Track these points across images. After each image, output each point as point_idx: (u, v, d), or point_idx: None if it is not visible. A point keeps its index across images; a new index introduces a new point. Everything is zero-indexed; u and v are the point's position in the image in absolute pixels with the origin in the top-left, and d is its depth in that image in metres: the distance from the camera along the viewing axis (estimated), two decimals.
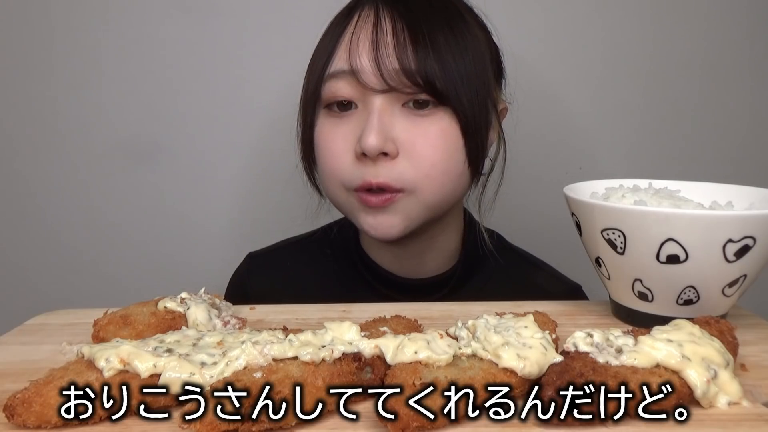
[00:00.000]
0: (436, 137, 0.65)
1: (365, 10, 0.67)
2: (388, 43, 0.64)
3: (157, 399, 0.38)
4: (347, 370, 0.39)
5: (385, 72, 0.63)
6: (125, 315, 0.49)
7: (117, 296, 1.10)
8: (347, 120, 0.67)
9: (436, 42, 0.64)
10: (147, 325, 0.48)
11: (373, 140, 0.63)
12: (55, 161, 1.08)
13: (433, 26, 0.65)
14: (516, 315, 0.47)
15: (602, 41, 1.05)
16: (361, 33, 0.66)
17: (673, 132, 1.08)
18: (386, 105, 0.65)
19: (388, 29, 0.65)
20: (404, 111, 0.66)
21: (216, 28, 1.04)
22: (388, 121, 0.65)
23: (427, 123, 0.65)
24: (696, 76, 1.06)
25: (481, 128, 0.67)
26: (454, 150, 0.66)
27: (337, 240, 0.82)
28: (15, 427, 0.36)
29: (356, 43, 0.65)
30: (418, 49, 0.63)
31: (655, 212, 0.47)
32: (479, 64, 0.67)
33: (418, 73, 0.63)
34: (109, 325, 0.48)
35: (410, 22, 0.65)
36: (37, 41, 1.05)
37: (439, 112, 0.65)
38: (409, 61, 0.63)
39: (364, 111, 0.66)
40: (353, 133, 0.66)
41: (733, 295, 0.50)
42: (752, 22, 1.05)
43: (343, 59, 0.66)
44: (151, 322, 0.49)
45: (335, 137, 0.68)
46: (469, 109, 0.65)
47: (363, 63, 0.64)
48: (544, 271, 0.83)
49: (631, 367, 0.38)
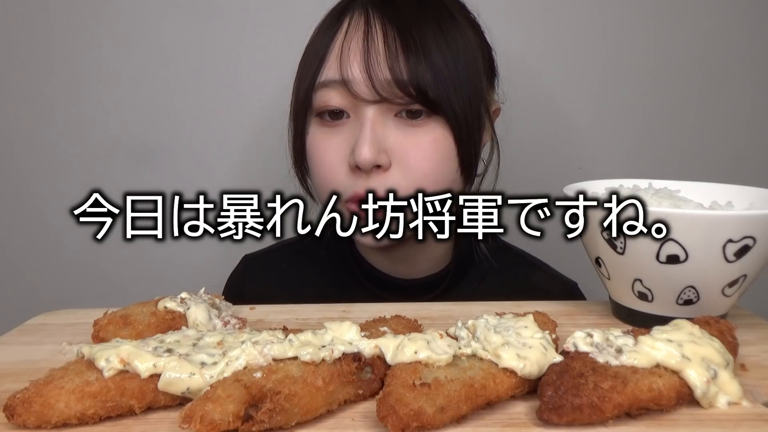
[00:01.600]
0: (429, 148, 0.65)
1: (355, 15, 0.66)
2: (380, 52, 0.63)
3: (158, 399, 0.38)
4: (347, 370, 0.39)
5: (376, 83, 0.62)
6: (125, 315, 0.49)
7: (117, 296, 1.10)
8: (339, 130, 0.66)
9: (427, 48, 0.63)
10: (147, 326, 0.48)
11: (367, 153, 0.62)
12: (55, 161, 1.08)
13: (424, 31, 0.64)
14: (516, 315, 0.47)
15: (602, 41, 1.05)
16: (352, 41, 0.65)
17: (672, 132, 1.08)
18: (378, 115, 0.64)
19: (378, 37, 0.64)
20: (397, 121, 0.65)
21: (215, 29, 1.04)
22: (381, 132, 0.64)
23: (420, 133, 0.65)
24: (695, 75, 1.06)
25: (474, 134, 0.67)
26: (447, 158, 0.66)
27: (330, 242, 0.82)
28: (15, 427, 0.36)
29: (347, 51, 0.64)
30: (410, 57, 0.62)
31: (655, 212, 0.47)
32: (472, 67, 0.66)
33: (410, 83, 0.62)
34: (109, 325, 0.48)
35: (401, 27, 0.64)
36: (36, 41, 1.05)
37: (432, 122, 0.65)
38: (401, 71, 0.62)
39: (356, 121, 0.65)
40: (346, 143, 0.65)
41: (733, 295, 0.50)
42: (751, 22, 1.05)
43: (334, 68, 0.65)
44: (151, 323, 0.49)
45: (328, 148, 0.67)
46: (462, 116, 0.65)
47: (354, 73, 0.63)
48: (539, 270, 0.83)
49: (631, 367, 0.38)
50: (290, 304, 0.60)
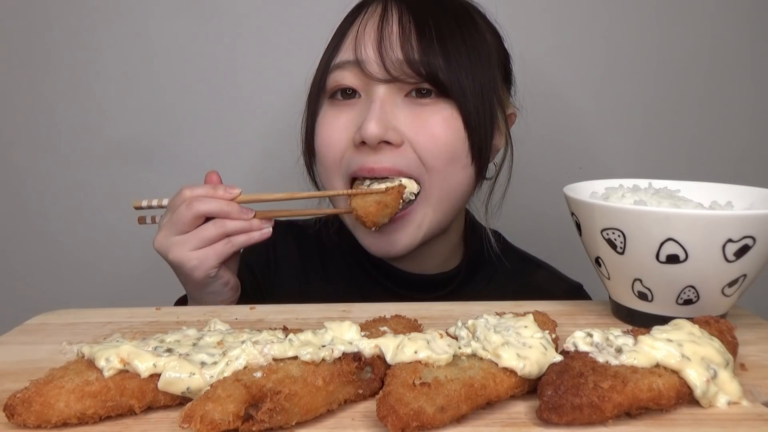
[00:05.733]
0: (439, 126, 0.65)
1: (374, 4, 0.68)
2: (393, 33, 0.64)
3: (158, 398, 0.38)
4: (347, 369, 0.39)
5: (388, 62, 0.63)
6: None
7: (117, 296, 1.11)
8: (349, 108, 0.67)
9: (441, 35, 0.64)
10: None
11: (374, 128, 0.63)
12: (56, 161, 1.08)
13: (440, 21, 0.65)
14: (516, 315, 0.47)
15: (602, 43, 1.05)
16: (368, 24, 0.66)
17: (673, 132, 1.08)
18: (389, 95, 0.65)
19: (394, 21, 0.65)
20: (407, 101, 0.66)
21: (216, 29, 1.04)
22: (390, 111, 0.65)
23: (429, 112, 0.65)
24: (696, 76, 1.06)
25: (485, 123, 0.67)
26: (457, 140, 0.66)
27: (344, 229, 0.82)
28: (15, 426, 0.36)
29: (362, 34, 0.66)
30: (423, 40, 0.64)
31: (655, 212, 0.47)
32: (485, 60, 0.67)
33: (421, 63, 0.63)
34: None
35: (417, 14, 0.65)
36: (36, 41, 1.05)
37: (442, 103, 0.66)
38: (413, 52, 0.63)
39: (367, 100, 0.66)
40: (354, 122, 0.66)
41: (732, 295, 0.50)
42: (752, 23, 1.05)
43: (349, 50, 0.67)
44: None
45: (336, 125, 0.68)
46: (472, 102, 0.65)
47: (368, 53, 0.65)
48: (546, 272, 0.83)
49: (630, 366, 0.38)
50: (290, 304, 0.60)
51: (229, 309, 0.60)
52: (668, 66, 1.06)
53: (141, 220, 0.71)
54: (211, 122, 1.07)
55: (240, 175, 1.08)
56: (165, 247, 0.64)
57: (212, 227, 0.64)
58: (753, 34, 1.05)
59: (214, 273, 0.65)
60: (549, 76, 1.05)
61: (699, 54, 1.06)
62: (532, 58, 1.03)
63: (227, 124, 1.07)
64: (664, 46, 1.05)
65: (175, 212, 0.64)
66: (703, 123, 1.08)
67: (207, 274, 0.64)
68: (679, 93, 1.07)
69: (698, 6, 1.04)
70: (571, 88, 1.06)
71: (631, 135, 1.08)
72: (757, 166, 1.08)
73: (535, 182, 1.04)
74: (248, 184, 1.13)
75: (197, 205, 0.63)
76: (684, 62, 1.06)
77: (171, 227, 0.64)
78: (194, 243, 0.63)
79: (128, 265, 1.10)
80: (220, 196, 0.64)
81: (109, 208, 1.09)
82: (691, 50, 1.05)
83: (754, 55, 1.06)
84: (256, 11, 1.04)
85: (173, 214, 0.64)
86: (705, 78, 1.06)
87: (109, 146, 1.08)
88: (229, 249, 0.64)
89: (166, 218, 0.65)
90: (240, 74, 1.06)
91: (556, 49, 1.05)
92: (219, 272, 0.65)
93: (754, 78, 1.07)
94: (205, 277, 0.64)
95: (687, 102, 1.07)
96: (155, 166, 1.07)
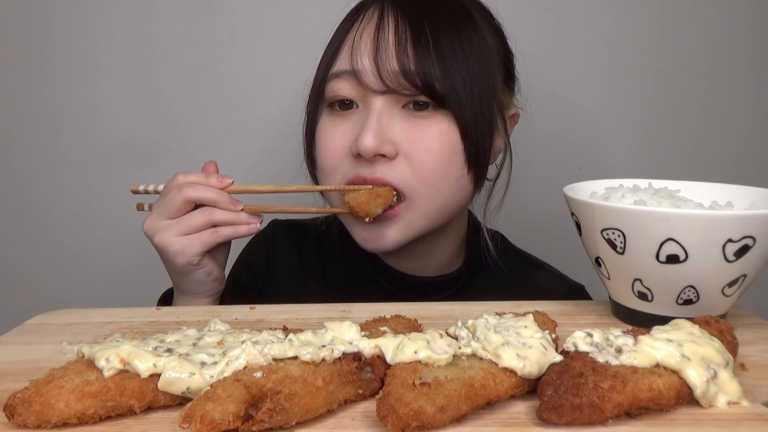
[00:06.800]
0: (434, 140, 0.65)
1: (371, 9, 0.68)
2: (389, 44, 0.64)
3: (158, 398, 0.38)
4: (347, 369, 0.39)
5: (384, 73, 0.63)
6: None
7: (117, 296, 1.11)
8: (347, 119, 0.67)
9: (438, 43, 0.64)
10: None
11: (370, 141, 0.63)
12: (56, 161, 1.08)
13: (437, 27, 0.65)
14: (516, 315, 0.47)
15: (603, 43, 1.05)
16: (364, 33, 0.66)
17: (673, 132, 1.08)
18: (386, 106, 0.65)
19: (390, 30, 0.65)
20: (404, 113, 0.66)
21: (215, 29, 1.04)
22: (387, 123, 0.65)
23: (425, 125, 0.65)
24: (696, 76, 1.06)
25: (483, 132, 0.67)
26: (453, 153, 0.66)
27: (345, 231, 0.81)
28: (15, 426, 0.36)
29: (359, 43, 0.66)
30: (419, 50, 0.63)
31: (655, 212, 0.47)
32: (484, 67, 0.66)
33: (417, 74, 0.63)
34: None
35: (414, 22, 0.64)
36: (36, 41, 1.05)
37: (438, 115, 0.65)
38: (409, 63, 0.63)
39: (364, 111, 0.66)
40: (352, 132, 0.66)
41: (732, 295, 0.50)
42: (753, 23, 1.05)
43: (346, 59, 0.66)
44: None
45: (334, 135, 0.68)
46: (469, 112, 0.65)
47: (364, 64, 0.64)
48: (548, 273, 0.83)
49: (630, 366, 0.38)
50: (290, 304, 0.60)
51: (229, 309, 0.60)
52: (668, 66, 1.06)
53: (139, 206, 0.72)
54: (211, 122, 1.07)
55: (240, 175, 1.08)
56: (152, 230, 0.65)
57: (199, 215, 0.65)
58: (754, 35, 1.05)
59: (196, 261, 0.65)
60: (548, 76, 1.05)
61: (700, 54, 1.06)
62: (532, 58, 1.03)
63: (227, 124, 1.07)
64: (664, 46, 1.05)
65: (165, 196, 0.65)
66: (704, 123, 1.08)
67: (189, 261, 0.65)
68: (680, 93, 1.07)
69: (699, 6, 1.04)
70: (570, 88, 1.06)
71: (631, 135, 1.08)
72: (757, 166, 1.08)
73: (535, 182, 1.04)
74: (247, 184, 1.14)
75: (187, 190, 0.64)
76: (685, 62, 1.06)
77: (161, 211, 0.65)
78: (180, 228, 0.64)
79: (128, 265, 1.10)
80: (212, 184, 0.65)
81: (109, 207, 1.09)
82: (691, 50, 1.05)
83: (755, 55, 1.06)
84: (256, 11, 1.04)
85: (164, 198, 0.65)
86: (705, 78, 1.06)
87: (108, 146, 1.08)
88: (215, 239, 0.65)
89: (158, 202, 0.66)
90: (240, 74, 1.06)
91: (555, 49, 1.05)
92: (202, 261, 0.66)
93: (754, 78, 1.07)
94: (186, 264, 0.65)
95: (687, 102, 1.07)
96: (155, 166, 1.07)
